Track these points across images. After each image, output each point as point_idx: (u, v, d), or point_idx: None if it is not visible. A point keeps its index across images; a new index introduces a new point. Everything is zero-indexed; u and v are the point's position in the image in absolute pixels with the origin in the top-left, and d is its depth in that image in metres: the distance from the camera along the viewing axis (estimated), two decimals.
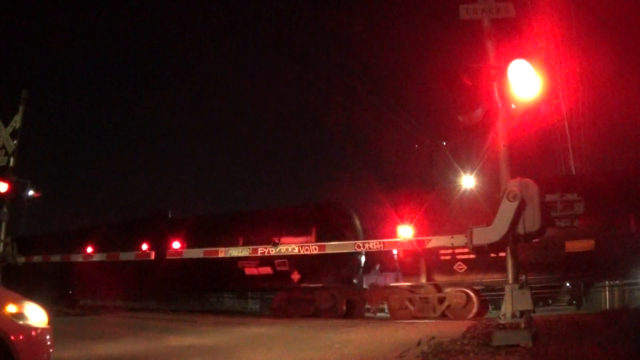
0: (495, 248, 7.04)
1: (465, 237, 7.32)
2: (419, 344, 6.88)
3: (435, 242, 10.23)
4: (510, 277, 6.55)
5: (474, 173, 17.98)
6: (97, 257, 15.82)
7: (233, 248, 13.59)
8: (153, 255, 14.83)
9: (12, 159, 13.58)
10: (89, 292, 20.48)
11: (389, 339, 8.30)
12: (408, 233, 11.22)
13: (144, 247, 15.27)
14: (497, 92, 6.85)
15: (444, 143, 23.32)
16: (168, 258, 14.37)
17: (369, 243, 12.28)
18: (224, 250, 13.53)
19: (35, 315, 4.44)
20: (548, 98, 6.71)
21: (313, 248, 12.28)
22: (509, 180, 6.67)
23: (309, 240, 14.21)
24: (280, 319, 13.80)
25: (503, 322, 6.30)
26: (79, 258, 16.18)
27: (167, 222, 18.67)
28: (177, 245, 14.66)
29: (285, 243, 13.37)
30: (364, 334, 9.44)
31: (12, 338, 4.10)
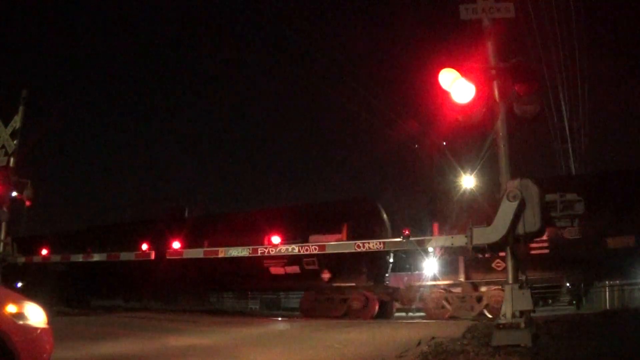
0: (496, 248, 7.04)
1: (466, 237, 7.32)
2: (419, 344, 6.87)
3: (435, 242, 10.23)
4: (510, 277, 6.55)
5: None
6: (96, 257, 15.75)
7: (233, 248, 13.39)
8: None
9: (12, 159, 13.56)
10: (103, 293, 20.36)
11: (389, 339, 8.31)
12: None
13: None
14: (497, 92, 6.86)
15: (444, 143, 23.22)
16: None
17: (369, 243, 12.24)
18: (224, 251, 13.45)
19: (35, 315, 4.42)
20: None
21: (313, 248, 12.27)
22: (509, 180, 6.67)
23: (340, 238, 14.04)
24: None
25: (503, 322, 6.29)
26: (79, 258, 16.13)
27: (194, 219, 18.26)
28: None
29: (315, 241, 13.18)
30: (364, 334, 9.45)
31: (12, 338, 4.08)
